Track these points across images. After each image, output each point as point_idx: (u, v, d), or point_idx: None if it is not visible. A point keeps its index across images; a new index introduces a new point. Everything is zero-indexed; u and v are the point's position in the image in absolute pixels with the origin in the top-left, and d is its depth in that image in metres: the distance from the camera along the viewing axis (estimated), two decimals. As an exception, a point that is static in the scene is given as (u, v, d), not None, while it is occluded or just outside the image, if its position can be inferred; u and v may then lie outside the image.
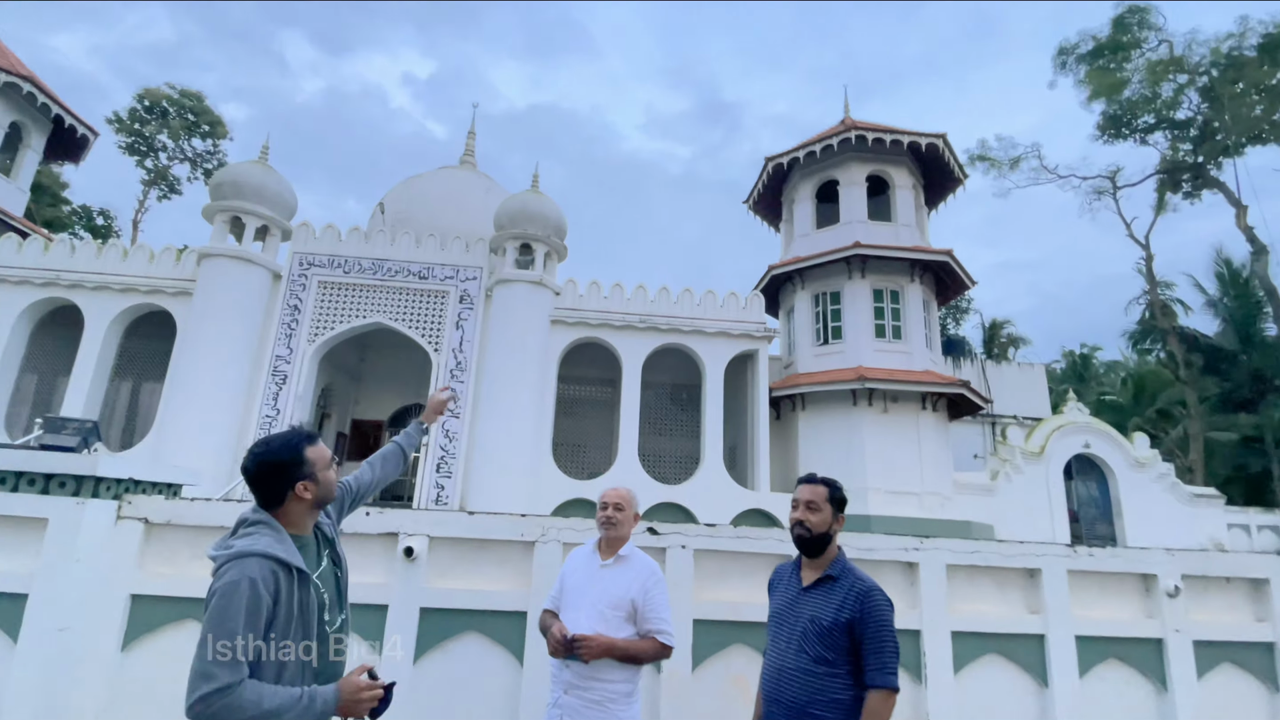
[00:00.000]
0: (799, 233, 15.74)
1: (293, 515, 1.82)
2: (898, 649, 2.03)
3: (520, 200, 13.54)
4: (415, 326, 13.18)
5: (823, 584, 2.19)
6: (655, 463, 14.35)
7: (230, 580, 1.58)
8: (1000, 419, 18.23)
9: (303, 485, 1.81)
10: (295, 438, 1.86)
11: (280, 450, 1.81)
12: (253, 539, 1.69)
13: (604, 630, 2.42)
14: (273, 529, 1.74)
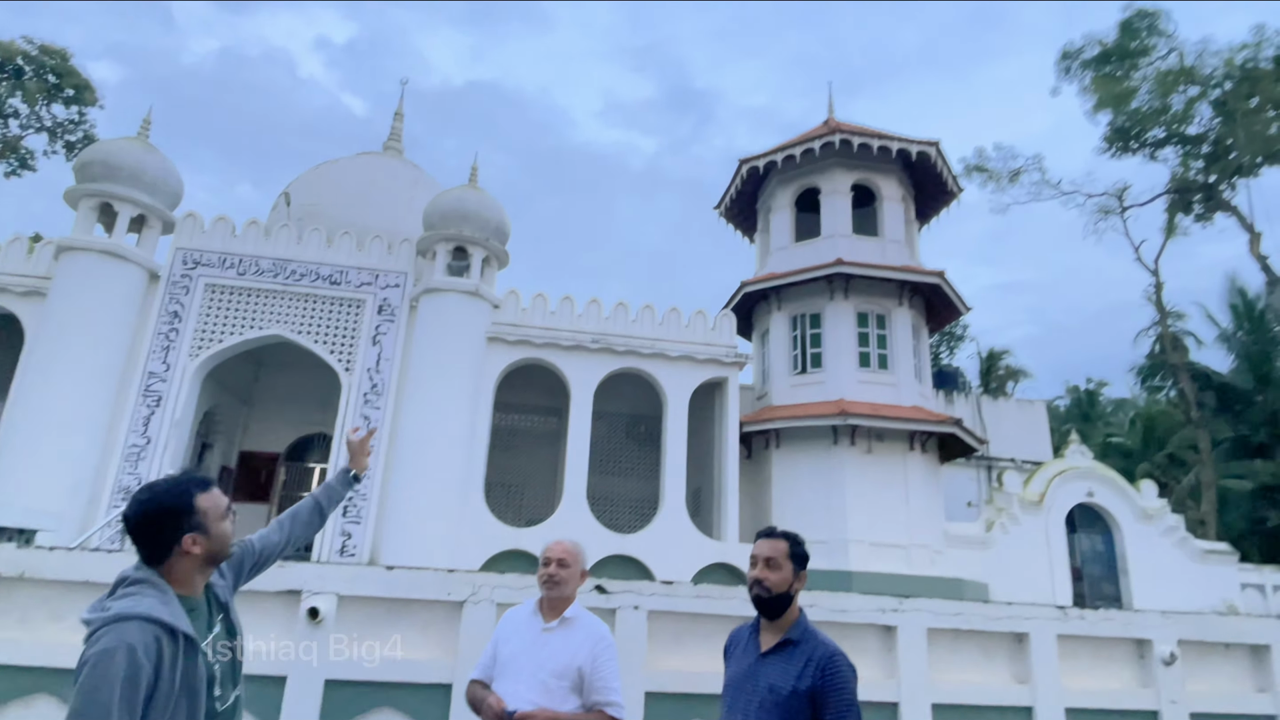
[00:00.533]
0: (776, 245, 16.23)
1: (180, 572, 1.83)
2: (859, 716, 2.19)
3: (456, 196, 13.60)
4: (323, 341, 13.01)
5: (782, 649, 2.33)
6: (606, 507, 14.41)
7: (104, 648, 1.57)
8: (996, 462, 18.96)
9: (191, 538, 1.82)
10: (185, 482, 1.87)
11: (166, 496, 1.83)
12: (134, 600, 1.70)
13: (546, 703, 2.50)
14: (158, 589, 1.76)
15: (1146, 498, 15.19)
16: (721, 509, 13.57)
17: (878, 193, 15.87)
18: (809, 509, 13.55)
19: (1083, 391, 36.51)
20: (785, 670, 2.27)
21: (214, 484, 1.96)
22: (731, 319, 14.56)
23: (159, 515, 1.81)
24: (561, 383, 13.89)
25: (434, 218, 13.49)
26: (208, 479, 1.94)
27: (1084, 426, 29.65)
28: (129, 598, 1.72)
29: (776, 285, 15.09)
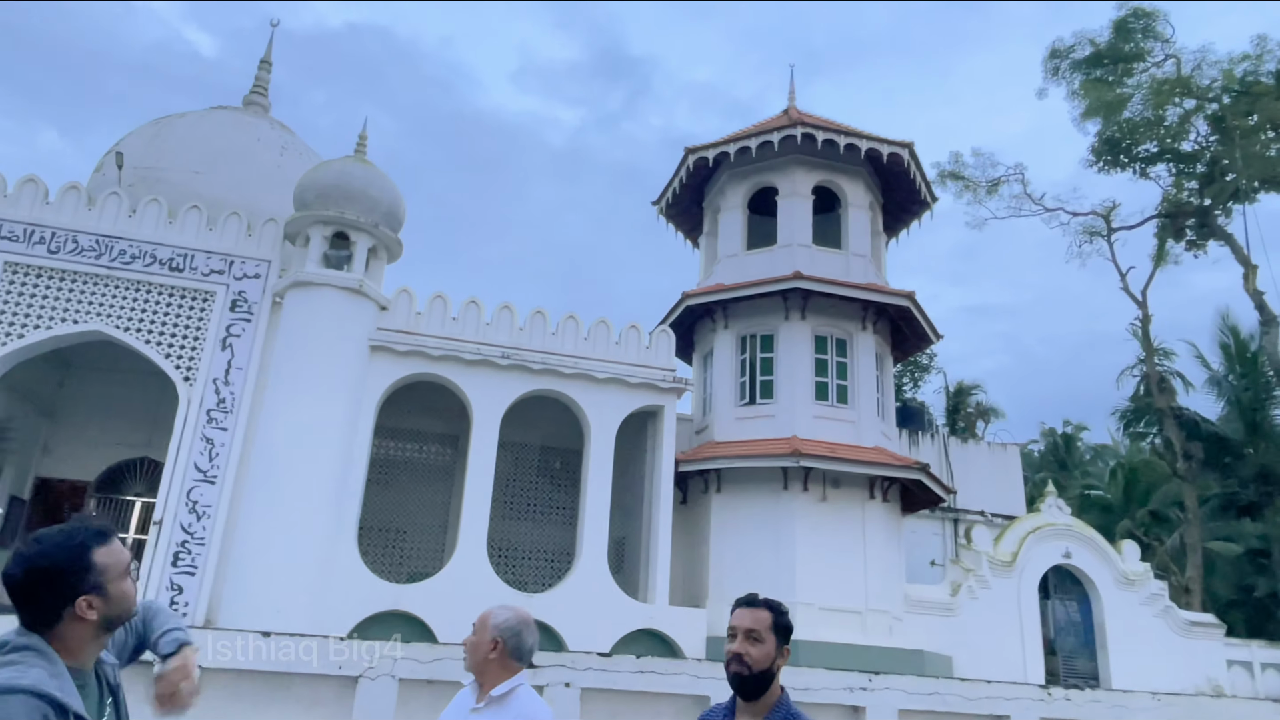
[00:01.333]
0: (724, 252, 16.68)
1: (70, 640, 1.84)
2: None
3: (338, 170, 13.44)
4: (157, 342, 12.59)
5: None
6: (511, 560, 14.38)
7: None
8: (964, 514, 19.92)
9: (86, 601, 1.83)
10: (80, 534, 1.88)
11: (58, 552, 1.83)
12: (18, 670, 1.70)
13: None
14: (46, 658, 1.77)
15: (1129, 560, 16.27)
16: (650, 564, 13.75)
17: (843, 198, 16.56)
18: (753, 565, 13.88)
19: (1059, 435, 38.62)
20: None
21: (113, 535, 1.96)
22: (671, 337, 14.85)
23: (49, 574, 1.81)
24: (461, 405, 13.83)
25: (309, 195, 13.27)
26: (106, 529, 1.94)
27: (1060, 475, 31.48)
28: (11, 667, 1.72)
29: (723, 299, 15.50)
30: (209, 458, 12.26)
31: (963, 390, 33.47)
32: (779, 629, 2.53)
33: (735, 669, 2.49)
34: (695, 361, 17.28)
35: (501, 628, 2.83)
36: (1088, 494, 29.87)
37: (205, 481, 12.13)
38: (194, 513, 11.97)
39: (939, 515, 19.35)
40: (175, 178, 15.01)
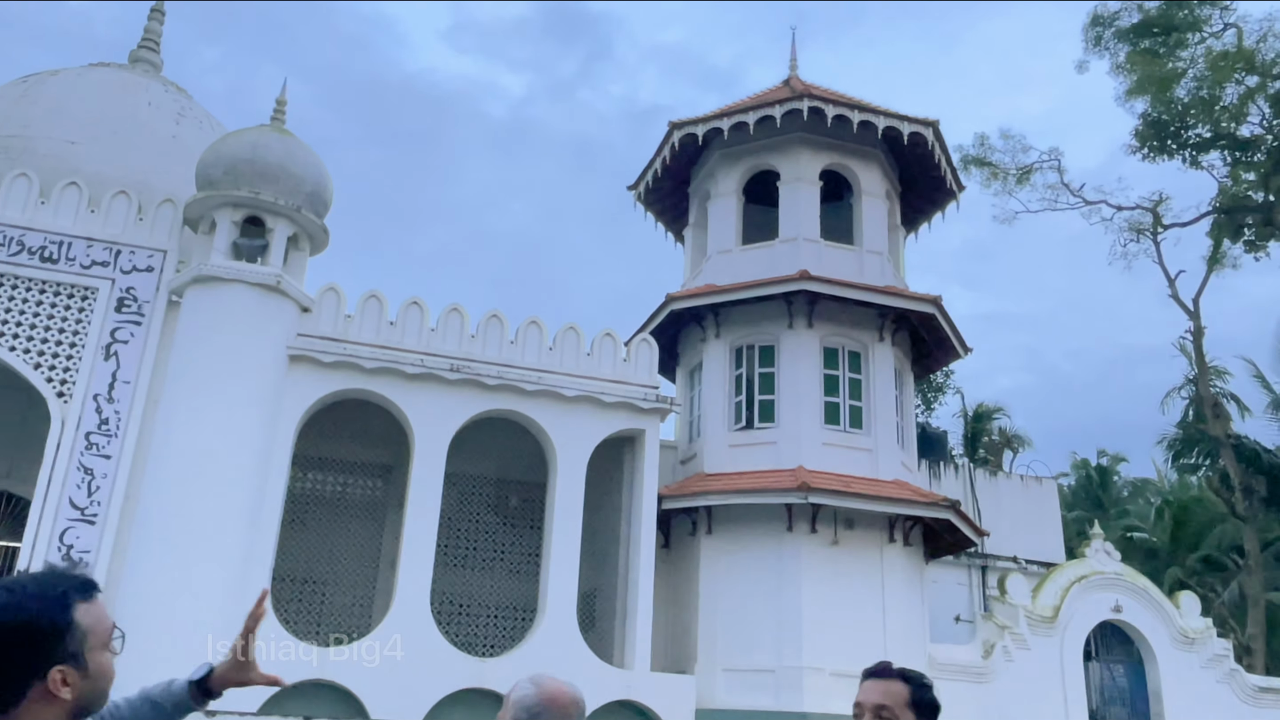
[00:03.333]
0: (715, 247, 16.68)
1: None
2: None
3: (252, 141, 13.26)
4: (24, 349, 12.34)
5: None
6: (458, 617, 14.16)
7: None
8: (994, 561, 20.07)
9: (60, 674, 1.67)
10: (61, 584, 1.75)
11: (34, 604, 1.68)
12: None
13: None
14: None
15: (1188, 615, 16.49)
16: (628, 621, 13.62)
17: (855, 185, 16.69)
18: (752, 622, 13.82)
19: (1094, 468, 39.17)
20: None
21: (98, 591, 1.81)
22: (653, 347, 14.77)
23: (21, 633, 1.64)
24: (399, 428, 13.64)
25: (215, 170, 13.07)
26: (90, 581, 1.80)
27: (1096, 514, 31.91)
28: None
29: (715, 303, 15.50)
30: (87, 492, 11.94)
31: (983, 414, 33.80)
32: (919, 705, 2.44)
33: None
34: (680, 377, 17.23)
35: (517, 706, 2.69)
36: (1130, 537, 30.27)
37: (83, 520, 11.81)
38: (68, 559, 11.56)
39: (965, 562, 19.47)
40: (47, 148, 14.68)
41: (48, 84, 16.28)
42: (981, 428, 34.23)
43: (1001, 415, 35.54)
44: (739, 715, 13.16)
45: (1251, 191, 24.25)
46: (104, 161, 14.51)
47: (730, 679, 13.72)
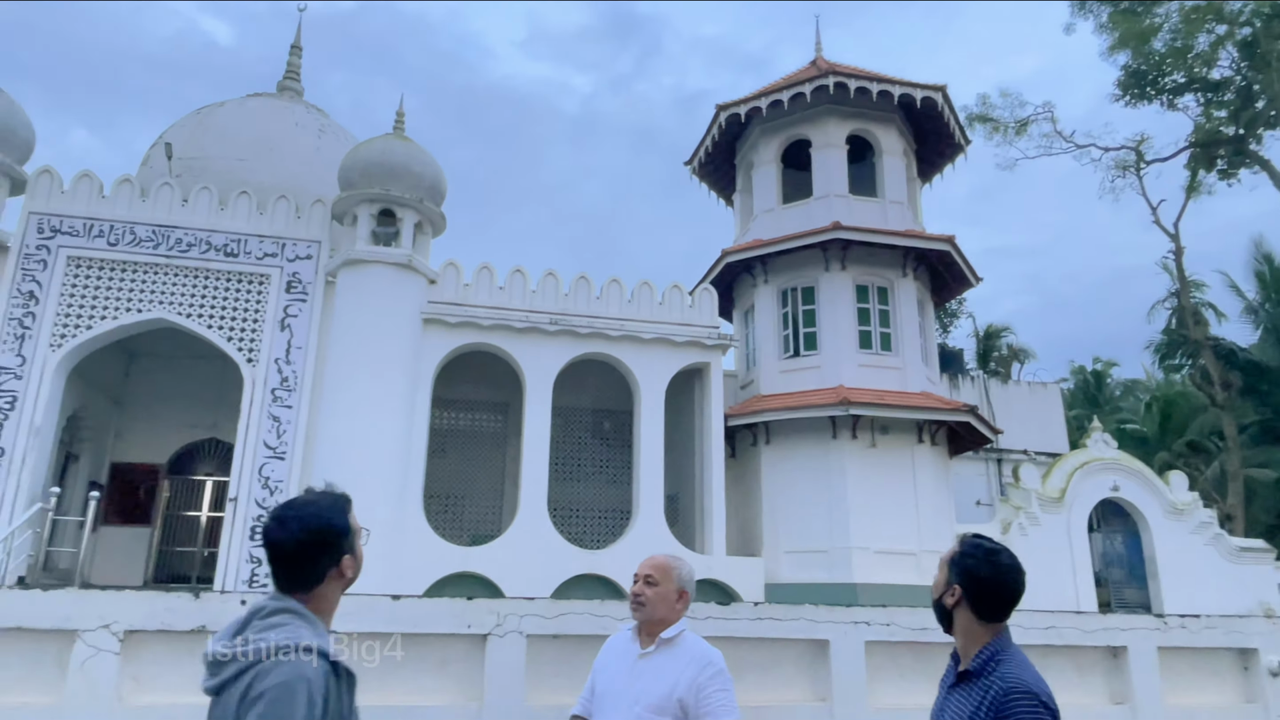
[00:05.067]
0: (760, 208, 16.37)
1: (327, 600, 1.93)
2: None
3: (379, 148, 13.29)
4: (219, 326, 12.60)
5: (962, 682, 2.34)
6: (571, 519, 14.41)
7: (284, 681, 1.65)
8: (1008, 454, 19.68)
9: (349, 560, 1.93)
10: (342, 501, 1.98)
11: (332, 514, 1.92)
12: (289, 630, 1.75)
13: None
14: (309, 621, 1.82)
15: (1177, 491, 15.97)
16: (706, 517, 13.71)
17: (877, 146, 16.15)
18: (806, 514, 13.81)
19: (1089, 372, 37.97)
20: (960, 709, 2.27)
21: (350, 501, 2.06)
22: (713, 295, 14.65)
23: (326, 534, 1.89)
24: (512, 373, 13.78)
25: (353, 174, 13.15)
26: (348, 496, 2.03)
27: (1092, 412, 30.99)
28: (281, 629, 1.76)
29: (762, 254, 15.23)
30: (277, 435, 12.34)
31: (993, 333, 32.89)
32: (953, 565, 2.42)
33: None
34: (737, 318, 17.07)
35: (687, 579, 2.85)
36: (1123, 428, 29.37)
37: (275, 458, 12.22)
38: (267, 488, 12.07)
39: (983, 457, 19.13)
40: (221, 166, 14.96)
41: (216, 114, 16.57)
42: (992, 344, 33.35)
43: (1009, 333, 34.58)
44: (799, 588, 13.22)
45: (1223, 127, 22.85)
46: (265, 173, 14.76)
47: (791, 559, 13.79)
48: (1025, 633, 4.05)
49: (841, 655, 3.89)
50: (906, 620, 3.97)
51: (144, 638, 3.37)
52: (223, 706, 1.71)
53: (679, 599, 2.82)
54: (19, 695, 3.25)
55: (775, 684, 3.89)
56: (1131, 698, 4.06)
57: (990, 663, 2.27)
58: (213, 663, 1.75)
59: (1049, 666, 4.12)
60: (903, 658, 3.99)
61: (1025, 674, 2.21)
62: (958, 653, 2.44)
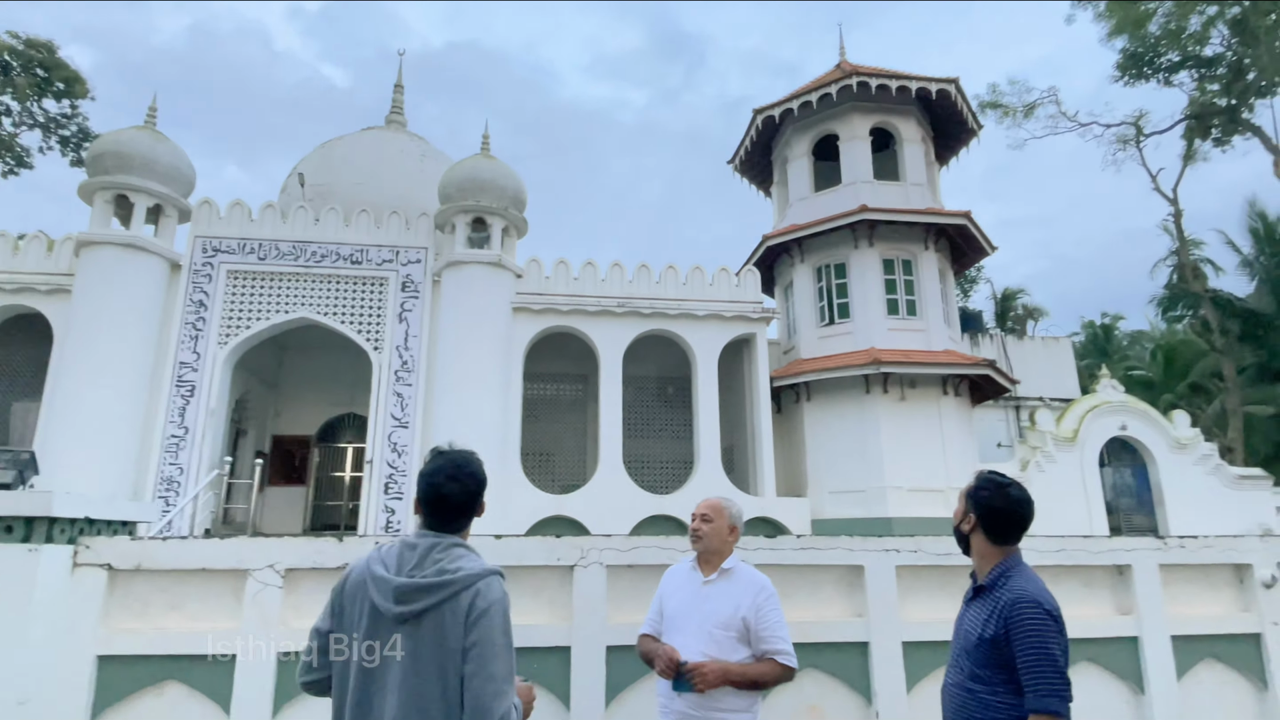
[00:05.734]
0: (795, 196, 16.01)
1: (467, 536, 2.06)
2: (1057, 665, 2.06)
3: (471, 166, 13.42)
4: (350, 321, 12.97)
5: (979, 596, 2.33)
6: (643, 469, 14.50)
7: (498, 598, 1.83)
8: (1025, 402, 18.96)
9: (482, 506, 2.07)
10: (475, 456, 2.10)
11: (479, 470, 2.05)
12: (474, 558, 1.91)
13: (715, 653, 2.53)
14: (473, 551, 1.97)
15: (1180, 428, 15.17)
16: (757, 465, 13.64)
17: (897, 135, 15.58)
18: (844, 459, 13.61)
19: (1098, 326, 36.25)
20: (976, 618, 2.27)
21: None
22: (756, 275, 14.44)
23: (481, 488, 2.04)
24: (589, 349, 13.87)
25: (450, 189, 13.33)
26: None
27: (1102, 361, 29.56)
28: (467, 558, 1.92)
29: (798, 237, 14.91)
30: (401, 408, 12.71)
31: (1009, 295, 31.62)
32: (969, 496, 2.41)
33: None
34: (778, 293, 16.80)
35: (736, 516, 2.89)
36: (1130, 374, 27.91)
37: (400, 427, 12.60)
38: (395, 451, 12.47)
39: (1003, 405, 18.49)
40: (344, 189, 15.37)
41: (337, 146, 16.99)
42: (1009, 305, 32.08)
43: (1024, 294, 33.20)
44: (841, 522, 13.09)
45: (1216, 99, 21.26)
46: (379, 193, 15.11)
47: (833, 498, 13.62)
48: (1040, 555, 3.93)
49: (875, 578, 3.84)
50: (932, 547, 3.89)
51: (301, 574, 3.53)
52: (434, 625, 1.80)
53: (730, 533, 2.86)
54: (209, 621, 3.45)
55: (818, 604, 3.86)
56: (1136, 609, 3.90)
57: (1001, 578, 2.26)
58: (411, 590, 1.82)
59: (1060, 584, 3.99)
60: (929, 579, 3.91)
61: (1030, 586, 2.20)
62: (975, 572, 2.42)
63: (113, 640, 3.32)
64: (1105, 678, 3.88)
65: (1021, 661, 2.08)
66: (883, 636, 3.77)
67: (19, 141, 26.96)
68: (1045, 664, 2.05)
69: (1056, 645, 2.09)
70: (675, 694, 2.58)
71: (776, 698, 3.67)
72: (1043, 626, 2.10)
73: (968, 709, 2.20)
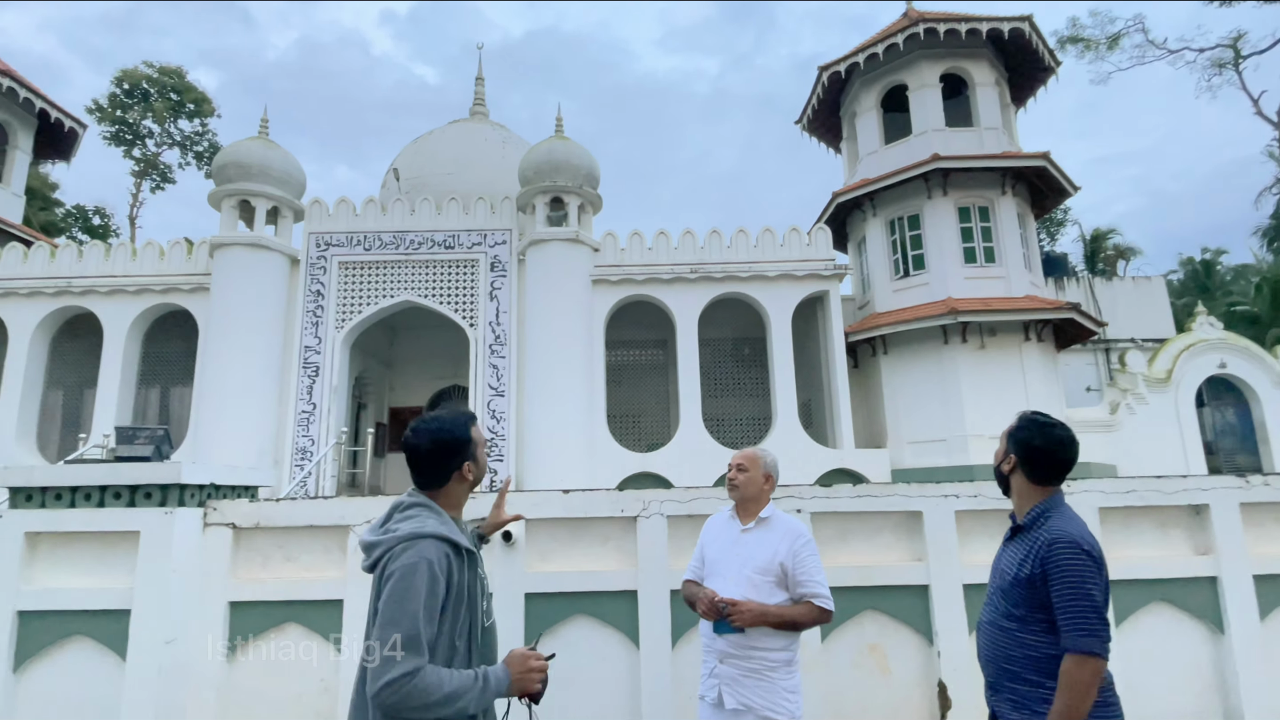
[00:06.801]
0: (865, 151, 15.27)
1: (454, 497, 1.96)
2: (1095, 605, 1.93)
3: (546, 149, 13.50)
4: (447, 301, 13.43)
5: (1015, 536, 2.23)
6: (721, 427, 14.44)
7: (408, 563, 1.69)
8: (1115, 344, 17.62)
9: (468, 465, 1.96)
10: (464, 416, 2.02)
11: (455, 427, 1.96)
12: (418, 521, 1.81)
13: (753, 597, 2.54)
14: (434, 512, 1.88)
15: (1288, 363, 13.74)
16: (835, 419, 13.32)
17: (969, 80, 14.54)
18: (923, 410, 13.11)
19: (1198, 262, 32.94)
20: (1013, 557, 2.17)
21: (476, 419, 2.08)
22: (827, 232, 13.92)
23: (449, 444, 1.93)
24: (665, 315, 13.83)
25: (528, 172, 13.47)
26: (473, 414, 2.07)
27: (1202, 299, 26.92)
28: (412, 520, 1.82)
29: (870, 191, 14.25)
30: (496, 378, 13.12)
31: (1099, 236, 29.18)
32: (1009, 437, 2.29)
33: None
34: (851, 249, 16.18)
35: (771, 465, 2.86)
36: (1233, 310, 25.36)
37: (497, 395, 13.03)
38: (494, 417, 12.94)
39: (1091, 348, 17.25)
40: (434, 180, 15.82)
41: (427, 140, 17.47)
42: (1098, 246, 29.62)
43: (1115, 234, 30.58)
44: (921, 471, 12.65)
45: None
46: (466, 181, 15.47)
47: (912, 448, 13.17)
48: (1107, 497, 3.68)
49: (934, 523, 3.71)
50: (991, 492, 3.71)
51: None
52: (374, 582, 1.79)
53: (766, 481, 2.84)
54: (319, 571, 3.73)
55: (876, 550, 3.77)
56: (1214, 549, 3.60)
57: (1040, 519, 2.14)
58: (363, 546, 1.84)
59: (1131, 526, 3.74)
60: (990, 522, 3.74)
61: (1070, 526, 2.07)
62: (1014, 513, 2.31)
63: (241, 589, 3.64)
64: (1180, 618, 3.62)
65: (1059, 602, 1.97)
66: (943, 579, 3.65)
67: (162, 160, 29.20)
68: (1083, 604, 1.93)
69: (1095, 585, 1.96)
70: (716, 635, 2.59)
71: (838, 636, 3.64)
72: (1081, 566, 1.97)
73: (1001, 646, 2.11)
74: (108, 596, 3.45)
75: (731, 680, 2.53)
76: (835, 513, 3.74)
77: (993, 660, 2.14)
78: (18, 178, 16.45)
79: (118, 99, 27.45)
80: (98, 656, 3.41)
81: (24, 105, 16.10)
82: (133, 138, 28.04)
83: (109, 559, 3.54)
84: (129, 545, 3.50)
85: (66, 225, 28.14)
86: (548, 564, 3.65)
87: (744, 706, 2.49)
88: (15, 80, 15.62)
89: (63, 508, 3.51)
